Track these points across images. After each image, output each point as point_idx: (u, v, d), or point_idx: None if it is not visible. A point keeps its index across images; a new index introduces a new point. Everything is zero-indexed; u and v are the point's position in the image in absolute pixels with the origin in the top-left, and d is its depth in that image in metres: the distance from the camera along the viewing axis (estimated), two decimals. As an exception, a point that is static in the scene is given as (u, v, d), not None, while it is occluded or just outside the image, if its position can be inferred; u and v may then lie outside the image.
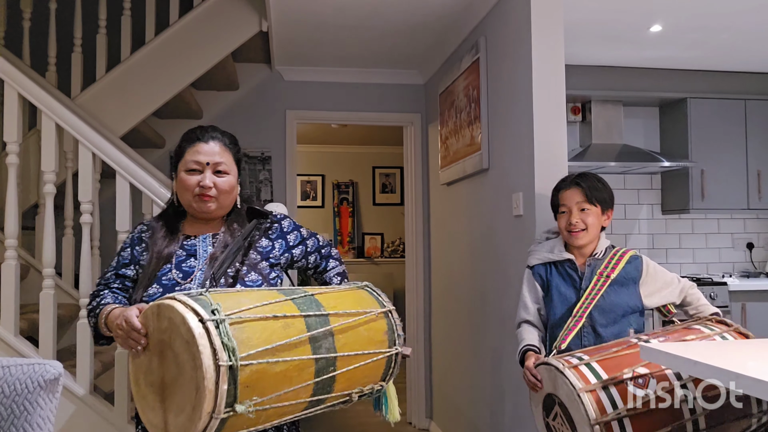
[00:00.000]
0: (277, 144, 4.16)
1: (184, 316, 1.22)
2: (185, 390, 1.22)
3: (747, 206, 4.05)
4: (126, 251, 1.70)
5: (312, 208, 7.28)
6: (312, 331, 1.37)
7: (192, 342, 1.20)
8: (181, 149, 1.69)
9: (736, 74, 4.03)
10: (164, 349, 1.28)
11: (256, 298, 1.38)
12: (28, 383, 1.43)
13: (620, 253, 2.01)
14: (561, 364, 1.67)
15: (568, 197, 2.01)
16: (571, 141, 3.99)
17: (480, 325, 3.12)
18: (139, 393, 1.34)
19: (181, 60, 3.27)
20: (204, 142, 1.67)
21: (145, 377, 1.32)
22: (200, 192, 1.63)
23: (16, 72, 2.47)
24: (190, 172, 1.64)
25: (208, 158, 1.64)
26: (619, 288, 1.95)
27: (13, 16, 3.47)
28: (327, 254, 1.90)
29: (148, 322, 1.33)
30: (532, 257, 2.12)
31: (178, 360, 1.24)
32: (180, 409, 1.23)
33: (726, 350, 1.61)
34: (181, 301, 1.27)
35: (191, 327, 1.21)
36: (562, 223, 2.02)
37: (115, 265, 1.69)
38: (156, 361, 1.30)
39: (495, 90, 2.88)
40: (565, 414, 1.65)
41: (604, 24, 3.18)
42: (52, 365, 1.47)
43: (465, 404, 3.41)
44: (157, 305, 1.31)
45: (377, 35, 3.47)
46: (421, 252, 4.31)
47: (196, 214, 1.68)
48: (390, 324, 1.57)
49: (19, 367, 1.44)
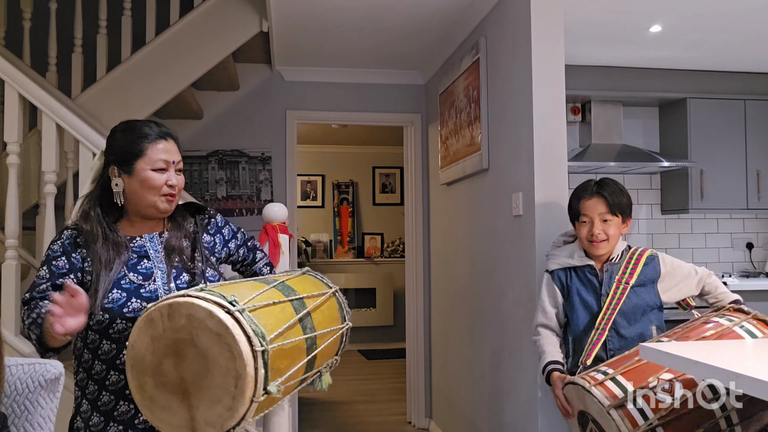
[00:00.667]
0: (277, 144, 4.17)
1: (209, 310, 1.25)
2: (219, 382, 1.24)
3: (746, 206, 4.05)
4: (60, 260, 1.54)
5: (312, 208, 7.28)
6: (299, 313, 1.46)
7: (226, 333, 1.23)
8: (139, 145, 1.57)
9: (735, 74, 4.03)
10: (182, 347, 1.28)
11: (249, 288, 1.43)
12: (28, 383, 1.43)
13: (637, 255, 2.00)
14: (587, 383, 1.67)
15: (590, 208, 1.99)
16: (570, 141, 3.99)
17: (480, 325, 3.12)
18: (145, 396, 1.32)
19: (181, 60, 3.27)
20: (165, 140, 1.60)
21: (154, 380, 1.31)
22: (168, 192, 1.58)
23: (17, 72, 2.47)
24: (159, 171, 1.57)
25: (173, 157, 1.60)
26: (639, 290, 1.96)
27: (13, 16, 3.47)
28: (252, 246, 1.89)
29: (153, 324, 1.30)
30: (552, 262, 2.11)
31: (206, 355, 1.25)
32: (214, 402, 1.25)
33: (726, 350, 1.61)
34: (198, 296, 1.28)
35: (222, 319, 1.23)
36: (583, 233, 2.01)
37: (48, 276, 1.52)
38: (170, 362, 1.29)
39: (495, 90, 2.89)
40: (599, 429, 1.67)
41: (604, 24, 3.18)
42: (53, 365, 1.47)
43: (465, 403, 3.41)
44: (167, 305, 1.29)
45: (377, 36, 3.48)
46: (421, 252, 4.31)
47: (153, 214, 1.61)
48: (339, 302, 1.70)
49: (19, 366, 1.44)
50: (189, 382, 1.28)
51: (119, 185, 1.58)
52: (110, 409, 1.52)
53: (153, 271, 1.57)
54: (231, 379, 1.23)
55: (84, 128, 2.45)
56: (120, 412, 1.52)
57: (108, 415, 1.52)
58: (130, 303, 1.52)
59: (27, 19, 3.28)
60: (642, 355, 1.55)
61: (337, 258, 7.22)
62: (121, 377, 1.50)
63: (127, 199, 1.59)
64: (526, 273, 2.51)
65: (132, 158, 1.57)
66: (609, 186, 2.02)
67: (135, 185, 1.57)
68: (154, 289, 1.55)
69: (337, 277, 7.01)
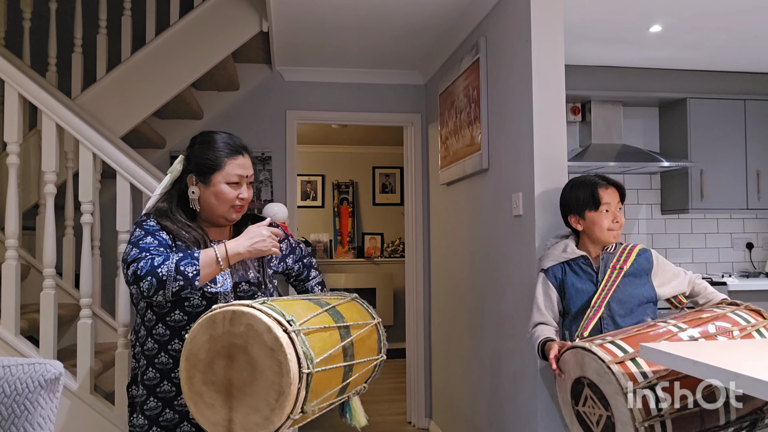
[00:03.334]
0: (277, 144, 4.17)
1: (268, 325, 1.33)
2: (262, 393, 1.33)
3: (746, 206, 4.05)
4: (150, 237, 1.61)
5: (312, 208, 7.28)
6: (344, 341, 1.54)
7: (279, 350, 1.32)
8: (218, 159, 1.67)
9: (735, 74, 4.03)
10: (235, 352, 1.36)
11: (304, 308, 1.51)
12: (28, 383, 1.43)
13: (629, 247, 2.09)
14: (587, 344, 1.71)
15: (610, 196, 2.09)
16: (570, 141, 3.99)
17: (480, 325, 3.12)
18: (193, 390, 1.40)
19: (181, 60, 3.28)
20: (243, 156, 1.70)
21: (203, 376, 1.38)
22: (239, 204, 1.69)
23: (17, 72, 2.47)
24: (233, 185, 1.67)
25: (247, 172, 1.70)
26: (633, 279, 2.02)
27: (13, 16, 3.47)
28: (309, 264, 1.98)
29: (214, 325, 1.38)
30: (546, 260, 2.16)
31: (256, 365, 1.34)
32: (253, 410, 1.34)
33: (726, 350, 1.61)
34: (259, 309, 1.36)
35: (278, 336, 1.32)
36: (606, 222, 2.07)
37: (157, 243, 1.61)
38: (222, 363, 1.37)
39: (495, 90, 2.89)
40: (596, 393, 1.68)
41: (603, 24, 3.18)
42: (53, 365, 1.47)
43: (464, 403, 3.41)
44: (231, 311, 1.37)
45: (378, 35, 3.48)
46: (421, 252, 4.31)
47: (222, 223, 1.72)
48: (379, 334, 1.76)
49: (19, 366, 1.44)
50: (235, 386, 1.36)
51: (195, 193, 1.69)
52: (154, 384, 1.65)
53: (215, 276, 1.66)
54: (274, 392, 1.32)
55: (84, 128, 2.45)
56: (163, 390, 1.65)
57: (150, 390, 1.65)
58: (192, 298, 1.62)
59: (27, 19, 3.28)
60: (642, 354, 1.55)
61: (337, 258, 7.22)
62: (170, 360, 1.64)
63: (201, 207, 1.70)
64: (526, 273, 2.51)
65: (210, 170, 1.67)
66: (611, 178, 2.13)
67: (209, 195, 1.68)
68: (214, 291, 1.64)
69: (337, 277, 7.01)
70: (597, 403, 1.68)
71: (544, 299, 2.12)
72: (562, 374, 1.84)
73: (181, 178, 1.73)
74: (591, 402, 1.70)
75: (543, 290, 2.13)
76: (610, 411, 1.63)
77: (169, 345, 1.64)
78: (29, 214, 3.18)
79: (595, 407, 1.68)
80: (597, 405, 1.68)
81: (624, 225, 2.14)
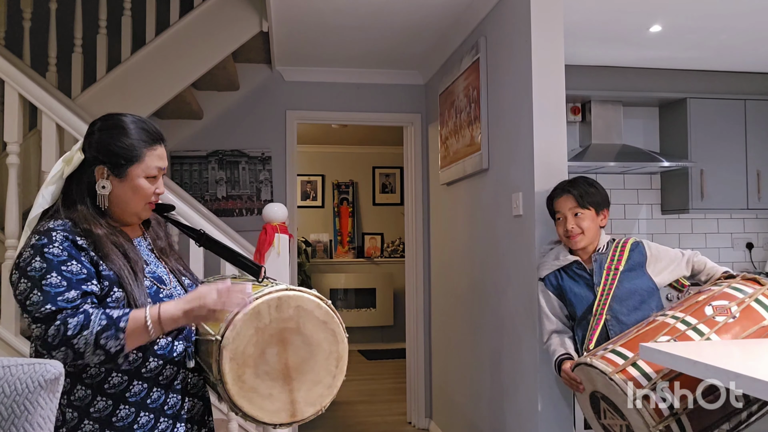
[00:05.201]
0: (277, 144, 4.17)
1: (317, 302, 1.44)
2: (322, 364, 1.45)
3: (746, 206, 4.04)
4: (71, 264, 1.34)
5: (312, 208, 7.28)
6: None
7: (331, 321, 1.45)
8: (135, 149, 1.43)
9: (735, 74, 4.02)
10: (288, 335, 1.43)
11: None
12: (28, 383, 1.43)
13: (621, 244, 2.09)
14: (588, 359, 1.72)
15: (561, 204, 2.12)
16: (570, 141, 3.98)
17: (479, 325, 3.12)
18: (245, 388, 1.39)
19: (181, 60, 3.27)
20: (161, 146, 1.49)
21: (255, 370, 1.40)
22: (153, 200, 1.50)
23: (17, 72, 2.47)
24: (151, 180, 1.46)
25: (165, 163, 1.50)
26: (630, 274, 2.03)
27: (13, 16, 3.47)
28: None
29: (260, 316, 1.40)
30: (542, 269, 2.19)
31: (311, 341, 1.44)
32: (315, 383, 1.45)
33: (726, 350, 1.61)
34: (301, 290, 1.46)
35: (328, 309, 1.45)
36: (560, 230, 2.12)
37: (66, 284, 1.32)
38: (273, 350, 1.42)
39: (495, 90, 2.89)
40: (610, 405, 1.69)
41: (604, 24, 3.18)
42: (53, 365, 1.47)
43: (464, 403, 3.41)
44: (276, 298, 1.41)
45: (378, 36, 3.48)
46: (421, 252, 4.31)
47: (134, 221, 1.51)
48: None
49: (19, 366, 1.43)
50: (292, 368, 1.43)
51: (106, 188, 1.43)
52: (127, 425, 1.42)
53: (158, 274, 1.51)
54: (333, 360, 1.45)
55: (84, 128, 2.44)
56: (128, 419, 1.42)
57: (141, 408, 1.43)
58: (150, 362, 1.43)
59: (27, 19, 3.28)
60: (642, 354, 1.55)
61: (337, 258, 7.22)
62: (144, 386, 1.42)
63: (110, 203, 1.45)
64: (526, 273, 2.51)
65: (126, 162, 1.43)
66: (578, 183, 2.13)
67: (125, 191, 1.44)
68: (170, 293, 1.50)
69: (336, 278, 7.01)
70: (615, 415, 1.68)
71: (548, 306, 2.16)
72: (579, 388, 1.85)
73: (82, 170, 1.44)
74: (610, 414, 1.71)
75: (545, 298, 2.18)
76: (627, 420, 1.63)
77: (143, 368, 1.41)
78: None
79: (615, 418, 1.69)
80: (615, 416, 1.68)
81: (624, 225, 2.15)
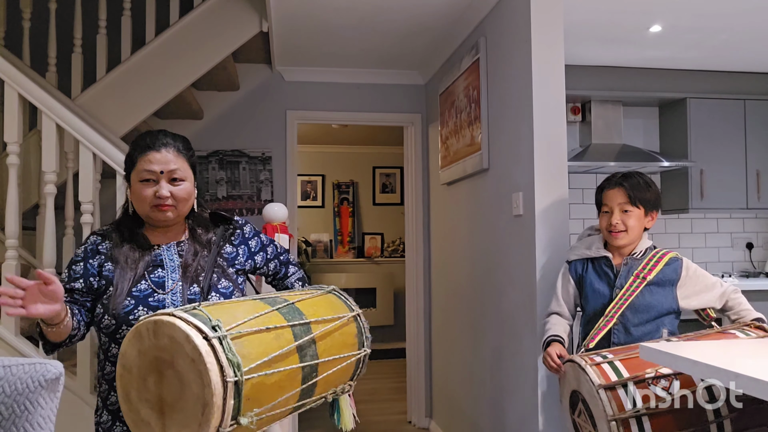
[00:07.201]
0: (277, 144, 4.17)
1: (188, 333, 1.23)
2: (190, 407, 1.24)
3: (746, 206, 4.04)
4: (78, 265, 1.60)
5: (312, 208, 7.28)
6: (298, 340, 1.41)
7: (199, 360, 1.21)
8: (132, 158, 1.60)
9: (735, 74, 4.02)
10: (163, 367, 1.27)
11: (246, 310, 1.40)
12: (28, 383, 1.43)
13: (660, 255, 2.00)
14: (584, 361, 1.69)
15: (610, 197, 2.02)
16: (571, 141, 3.99)
17: (480, 324, 3.12)
18: (131, 408, 1.32)
19: (181, 60, 3.27)
20: (156, 151, 1.58)
21: (138, 393, 1.31)
22: (157, 203, 1.57)
23: (17, 72, 2.47)
24: (145, 183, 1.57)
25: (162, 167, 1.57)
26: (655, 288, 1.95)
27: (13, 16, 3.47)
28: (286, 260, 1.88)
29: (141, 338, 1.30)
30: (572, 253, 2.16)
31: (182, 378, 1.25)
32: (183, 425, 1.25)
33: (726, 350, 1.61)
34: (181, 317, 1.26)
35: (197, 345, 1.21)
36: (603, 223, 2.04)
37: (66, 279, 1.59)
38: (152, 378, 1.29)
39: (495, 90, 2.89)
40: (587, 410, 1.67)
41: (603, 24, 3.18)
42: (53, 365, 1.47)
43: (465, 403, 3.41)
44: (153, 321, 1.28)
45: (378, 36, 3.48)
46: (421, 252, 4.31)
47: (154, 223, 1.62)
48: (359, 327, 1.63)
49: (20, 366, 1.44)
50: (166, 402, 1.27)
51: (128, 195, 1.63)
52: (117, 409, 1.56)
53: (164, 281, 1.58)
54: (199, 406, 1.22)
55: (84, 128, 2.45)
56: None
57: (115, 415, 1.57)
58: (136, 311, 1.53)
59: (27, 19, 3.28)
60: (642, 354, 1.54)
61: (337, 258, 7.22)
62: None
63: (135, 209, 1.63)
64: (527, 273, 2.51)
65: (127, 170, 1.62)
66: (633, 178, 2.03)
67: (132, 196, 1.61)
68: (161, 299, 1.55)
69: (337, 277, 7.01)
70: (588, 420, 1.67)
71: (563, 290, 2.13)
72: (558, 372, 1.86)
73: None
74: (584, 416, 1.70)
75: (563, 282, 2.14)
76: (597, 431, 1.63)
77: None
78: (29, 214, 3.18)
79: (587, 423, 1.68)
80: (588, 422, 1.68)
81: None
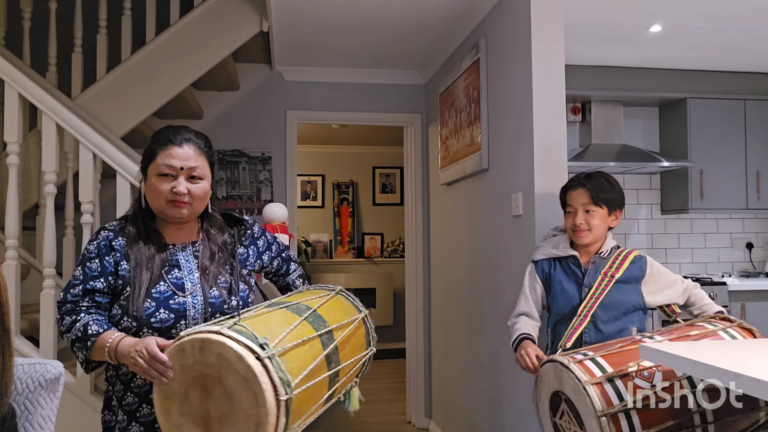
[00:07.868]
0: (277, 144, 4.17)
1: (240, 354, 1.26)
2: (241, 424, 1.26)
3: (746, 206, 4.05)
4: (94, 262, 1.55)
5: (312, 208, 7.28)
6: (326, 349, 1.46)
7: (253, 380, 1.24)
8: (152, 151, 1.57)
9: (735, 74, 4.03)
10: (209, 383, 1.30)
11: (279, 322, 1.43)
12: (29, 383, 1.43)
13: (624, 254, 2.05)
14: (566, 360, 1.68)
15: (574, 198, 2.06)
16: (570, 141, 3.99)
17: (479, 325, 3.12)
18: (170, 422, 1.34)
19: (181, 60, 3.27)
20: (178, 146, 1.56)
21: (180, 408, 1.33)
22: (173, 198, 1.55)
23: (17, 72, 2.47)
24: (163, 177, 1.55)
25: (183, 163, 1.55)
26: (623, 286, 1.99)
27: (13, 16, 3.47)
28: (287, 257, 1.88)
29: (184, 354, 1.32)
30: (538, 252, 2.16)
31: (232, 396, 1.27)
32: None
33: (726, 350, 1.61)
34: (229, 336, 1.29)
35: (251, 365, 1.24)
36: (568, 223, 2.08)
37: (82, 278, 1.54)
38: (197, 393, 1.31)
39: (495, 90, 2.89)
40: (572, 410, 1.66)
41: (603, 24, 3.18)
42: (53, 365, 1.47)
43: (464, 403, 3.41)
44: (200, 340, 1.30)
45: (378, 35, 3.48)
46: (421, 252, 4.31)
47: (167, 219, 1.60)
48: (367, 327, 1.69)
49: (20, 366, 1.44)
50: (212, 417, 1.30)
51: (142, 189, 1.61)
52: (133, 409, 1.55)
53: (183, 282, 1.56)
54: (252, 424, 1.25)
55: (84, 128, 2.45)
56: (142, 414, 1.55)
57: (131, 415, 1.55)
58: (158, 313, 1.52)
59: (27, 19, 3.28)
60: (642, 355, 1.54)
61: (337, 258, 7.22)
62: (146, 382, 1.52)
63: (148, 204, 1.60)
64: (526, 273, 2.51)
65: (146, 164, 1.59)
66: (595, 179, 2.06)
67: (147, 190, 1.58)
68: (182, 301, 1.54)
69: (337, 277, 7.00)
70: (573, 420, 1.66)
71: (531, 290, 2.12)
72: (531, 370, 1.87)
73: None
74: (567, 417, 1.69)
75: (530, 282, 2.14)
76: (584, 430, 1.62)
77: None
78: (29, 214, 3.18)
79: (571, 423, 1.66)
80: (573, 421, 1.66)
81: (624, 225, 2.12)
